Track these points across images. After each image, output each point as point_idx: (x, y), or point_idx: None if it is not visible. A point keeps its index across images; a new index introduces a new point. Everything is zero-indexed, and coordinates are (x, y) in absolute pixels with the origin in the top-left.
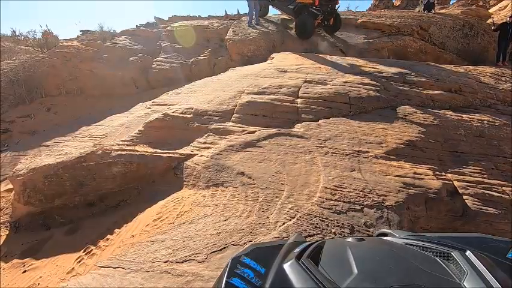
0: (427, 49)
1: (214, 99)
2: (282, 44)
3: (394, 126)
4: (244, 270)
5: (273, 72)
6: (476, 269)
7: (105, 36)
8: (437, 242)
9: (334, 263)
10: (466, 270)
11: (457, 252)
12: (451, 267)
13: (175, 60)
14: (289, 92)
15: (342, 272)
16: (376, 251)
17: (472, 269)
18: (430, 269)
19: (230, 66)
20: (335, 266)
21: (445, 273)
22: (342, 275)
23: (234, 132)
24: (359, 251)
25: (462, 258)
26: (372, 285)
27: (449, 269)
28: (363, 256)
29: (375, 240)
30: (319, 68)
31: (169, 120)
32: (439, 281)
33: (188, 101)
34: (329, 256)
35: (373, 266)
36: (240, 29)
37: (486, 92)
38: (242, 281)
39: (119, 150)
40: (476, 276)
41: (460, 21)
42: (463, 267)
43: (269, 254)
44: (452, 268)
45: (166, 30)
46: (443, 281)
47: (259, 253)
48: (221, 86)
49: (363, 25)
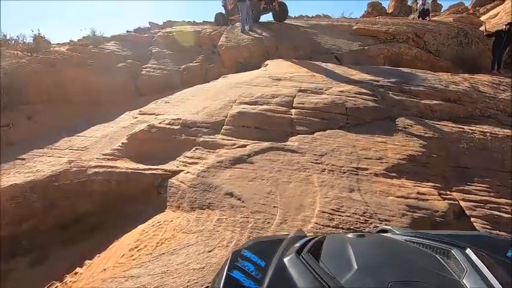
0: (422, 56)
1: (204, 109)
2: (276, 50)
3: (393, 139)
4: (245, 264)
5: (266, 80)
6: (476, 267)
7: (97, 41)
8: (437, 240)
9: (334, 258)
10: (465, 268)
11: (457, 249)
12: (451, 264)
13: (166, 67)
14: (283, 102)
15: (341, 267)
16: (376, 247)
17: (472, 266)
18: (430, 266)
19: (223, 73)
20: (335, 261)
21: (444, 271)
22: (342, 270)
23: (223, 146)
24: (359, 246)
25: (462, 255)
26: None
27: (448, 266)
28: (363, 252)
29: (375, 237)
30: (314, 76)
31: (154, 132)
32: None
33: (177, 110)
34: (329, 251)
35: (373, 261)
36: (233, 35)
37: (486, 101)
38: (242, 273)
39: (97, 167)
40: (475, 274)
41: (454, 28)
42: (463, 265)
43: (270, 248)
44: (452, 265)
45: (158, 36)
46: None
47: (260, 247)
48: (212, 94)
49: (358, 32)
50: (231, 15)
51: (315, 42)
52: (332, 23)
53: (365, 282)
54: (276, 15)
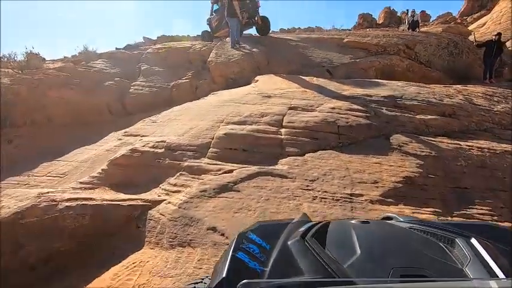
0: (414, 68)
1: (191, 130)
2: (267, 65)
3: (388, 159)
4: (250, 246)
5: (256, 97)
6: (480, 256)
7: (89, 57)
8: (442, 228)
9: (338, 243)
10: (469, 257)
11: (461, 238)
12: (455, 253)
13: (155, 84)
14: (272, 120)
15: (345, 251)
16: (380, 233)
17: (476, 256)
18: (433, 254)
19: (213, 89)
20: (339, 245)
21: (447, 259)
22: (345, 255)
23: (209, 171)
24: (363, 232)
25: (466, 244)
26: (374, 265)
27: (452, 254)
28: (367, 237)
29: (379, 223)
30: (305, 92)
31: (137, 156)
32: (441, 265)
33: (163, 131)
34: (333, 236)
35: (376, 247)
36: (223, 51)
37: (481, 114)
38: (247, 255)
39: (70, 200)
40: (479, 263)
41: (444, 39)
42: (467, 254)
43: (274, 231)
44: (456, 254)
45: (147, 52)
46: (445, 265)
47: (265, 230)
48: (199, 113)
49: (349, 45)
50: (216, 32)
51: (306, 56)
52: (323, 36)
53: (368, 267)
54: (259, 29)
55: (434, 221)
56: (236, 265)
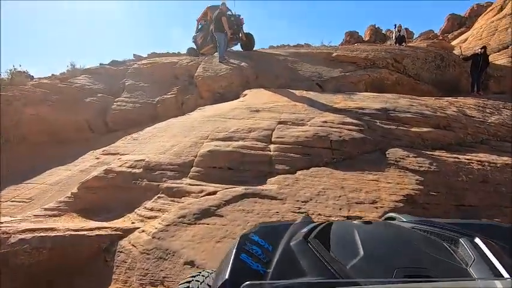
0: (403, 81)
1: (173, 147)
2: (256, 79)
3: (386, 175)
4: (252, 247)
5: (243, 112)
6: (484, 255)
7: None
8: (445, 228)
9: (341, 244)
10: (473, 257)
11: (465, 238)
12: (459, 253)
13: (139, 100)
14: (260, 136)
15: (348, 252)
16: (383, 234)
17: (480, 255)
18: (437, 254)
19: (200, 104)
20: (342, 246)
21: (451, 259)
22: (348, 256)
23: (190, 193)
24: (366, 233)
25: (470, 244)
26: (377, 266)
27: (456, 254)
28: (370, 238)
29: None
30: (295, 105)
31: (111, 177)
32: (445, 265)
33: (143, 149)
34: (336, 237)
35: (380, 248)
36: (211, 65)
37: (476, 126)
38: (250, 257)
39: (26, 232)
40: (483, 262)
41: (431, 53)
42: (471, 254)
43: (277, 233)
44: (460, 254)
45: (133, 68)
46: (449, 265)
47: (268, 231)
48: (184, 129)
49: (338, 59)
50: (202, 49)
51: (295, 70)
52: (312, 51)
53: (371, 268)
54: (244, 45)
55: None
56: (239, 267)
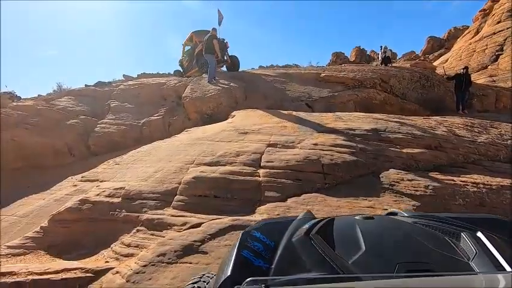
0: (390, 100)
1: (156, 173)
2: (245, 100)
3: (381, 201)
4: (254, 244)
5: (231, 134)
6: (486, 249)
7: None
8: (447, 222)
9: (343, 239)
10: (475, 250)
11: (467, 232)
12: (460, 246)
13: (124, 122)
14: (249, 160)
15: (350, 247)
16: (385, 229)
17: (482, 249)
18: (438, 248)
19: (187, 126)
20: (343, 242)
21: (453, 253)
22: (350, 251)
23: (172, 225)
24: (368, 228)
25: (472, 238)
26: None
27: (458, 248)
28: (372, 233)
29: (384, 219)
30: (285, 127)
31: (87, 208)
32: (447, 259)
33: (124, 175)
34: (338, 232)
35: (381, 243)
36: (199, 86)
37: (466, 146)
38: (252, 253)
39: None
40: (485, 256)
41: (416, 73)
42: (473, 247)
43: (279, 229)
44: (461, 248)
45: (119, 89)
46: (451, 259)
47: (269, 228)
48: (168, 153)
49: (326, 79)
50: (187, 72)
51: (284, 90)
52: (300, 72)
53: (373, 263)
54: (228, 68)
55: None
56: (241, 263)
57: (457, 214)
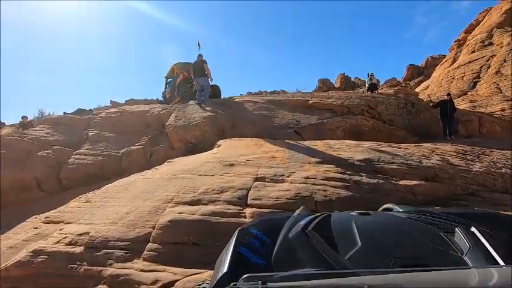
0: (379, 127)
1: (128, 214)
2: (232, 127)
3: None
4: (251, 240)
5: (216, 166)
6: (479, 244)
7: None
8: (442, 217)
9: (339, 235)
10: (469, 245)
11: (461, 227)
12: (455, 241)
13: (102, 152)
14: (234, 198)
15: (346, 243)
16: (380, 224)
17: (476, 244)
18: (433, 243)
19: (170, 156)
20: (339, 237)
21: (447, 247)
22: (346, 246)
23: (140, 284)
24: (363, 223)
25: (466, 233)
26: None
27: (452, 243)
28: (367, 229)
29: (379, 214)
30: (274, 157)
31: (40, 262)
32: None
33: (93, 216)
34: (334, 228)
35: (377, 238)
36: (184, 114)
37: (464, 176)
38: (249, 249)
39: None
40: (478, 251)
41: (402, 100)
42: (467, 242)
43: (275, 226)
44: (456, 242)
45: (99, 117)
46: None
47: (266, 224)
48: (145, 189)
49: (315, 106)
50: (170, 103)
51: (273, 117)
52: (289, 98)
53: (368, 258)
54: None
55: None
56: (238, 259)
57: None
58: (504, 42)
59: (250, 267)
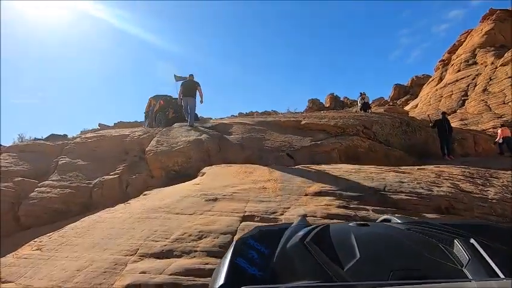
0: (375, 147)
1: (78, 273)
2: (219, 152)
3: None
4: (249, 251)
5: (196, 202)
6: (479, 256)
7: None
8: (441, 229)
9: (338, 246)
10: (468, 257)
11: (460, 239)
12: (454, 253)
13: (71, 183)
14: (215, 247)
15: (344, 254)
16: (379, 236)
17: (475, 256)
18: (432, 255)
19: (150, 185)
20: (338, 249)
21: (446, 259)
22: (345, 258)
23: None
24: (362, 235)
25: (466, 245)
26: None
27: (451, 255)
28: (366, 240)
29: (378, 226)
30: (265, 188)
31: None
32: (441, 266)
33: (36, 274)
34: (332, 239)
35: (376, 250)
36: (166, 138)
37: (480, 206)
38: (246, 261)
39: None
40: (478, 263)
41: (397, 119)
42: (466, 254)
43: (273, 236)
44: (455, 254)
45: (73, 143)
46: (444, 266)
47: (264, 235)
48: (109, 233)
49: (307, 127)
50: None
51: (263, 139)
52: (280, 119)
53: (367, 270)
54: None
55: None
56: (235, 271)
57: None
58: (488, 61)
59: (247, 278)
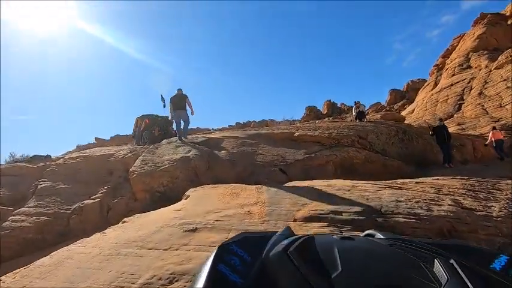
0: (372, 158)
1: None
2: (208, 170)
3: None
4: (231, 258)
5: (173, 233)
6: (458, 276)
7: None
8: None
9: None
10: (447, 277)
11: (441, 258)
12: (433, 272)
13: (48, 210)
14: None
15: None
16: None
17: (454, 276)
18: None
19: (132, 208)
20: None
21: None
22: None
23: None
24: (345, 248)
25: (445, 265)
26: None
27: (430, 273)
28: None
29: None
30: (251, 214)
31: None
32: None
33: None
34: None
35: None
36: (152, 157)
37: (484, 225)
38: (227, 267)
39: None
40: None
41: (393, 127)
42: (445, 274)
43: (257, 244)
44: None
45: (55, 165)
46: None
47: (247, 242)
48: (73, 275)
49: (301, 139)
50: None
51: (255, 154)
52: (273, 131)
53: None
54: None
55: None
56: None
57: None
58: (482, 65)
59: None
